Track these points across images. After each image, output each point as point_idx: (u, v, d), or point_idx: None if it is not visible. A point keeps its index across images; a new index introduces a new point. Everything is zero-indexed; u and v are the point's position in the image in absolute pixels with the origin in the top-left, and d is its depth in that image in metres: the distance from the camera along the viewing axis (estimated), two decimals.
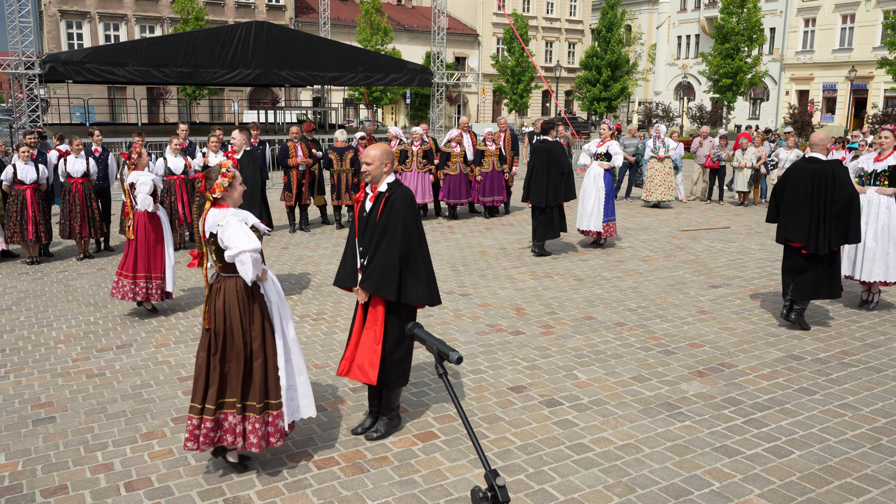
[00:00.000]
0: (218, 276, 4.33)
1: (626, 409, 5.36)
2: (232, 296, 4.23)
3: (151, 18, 40.98)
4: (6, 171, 10.00)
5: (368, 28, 39.63)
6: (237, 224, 4.12)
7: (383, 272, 4.51)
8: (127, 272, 7.49)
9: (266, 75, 21.26)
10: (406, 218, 4.55)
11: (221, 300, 4.24)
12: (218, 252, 4.23)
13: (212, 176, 4.27)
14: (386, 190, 4.62)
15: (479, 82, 48.51)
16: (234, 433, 4.26)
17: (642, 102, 49.74)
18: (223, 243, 4.13)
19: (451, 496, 4.18)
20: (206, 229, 4.23)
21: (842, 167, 6.91)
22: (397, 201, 4.56)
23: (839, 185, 6.73)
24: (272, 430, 4.33)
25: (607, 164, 10.88)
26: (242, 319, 4.23)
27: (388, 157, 4.64)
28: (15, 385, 5.88)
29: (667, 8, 54.82)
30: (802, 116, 33.76)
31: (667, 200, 15.24)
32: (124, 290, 7.49)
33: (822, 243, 6.76)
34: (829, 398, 5.54)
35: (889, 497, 4.16)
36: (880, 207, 7.62)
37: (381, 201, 4.59)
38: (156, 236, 7.60)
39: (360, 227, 4.70)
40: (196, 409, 4.26)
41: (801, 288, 6.99)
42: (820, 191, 6.78)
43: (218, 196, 4.26)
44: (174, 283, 7.73)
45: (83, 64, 18.68)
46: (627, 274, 9.55)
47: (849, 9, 43.06)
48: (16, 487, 4.31)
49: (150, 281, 7.54)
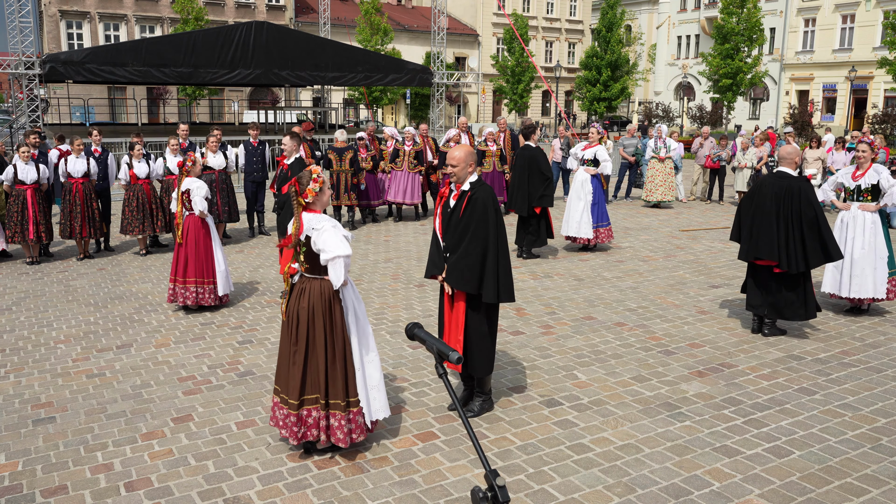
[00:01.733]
0: (302, 277, 4.51)
1: (626, 409, 5.36)
2: (316, 297, 4.41)
3: (151, 18, 40.99)
4: (7, 172, 10.00)
5: (368, 28, 39.64)
6: (332, 230, 4.31)
7: (465, 268, 4.81)
8: (179, 277, 7.64)
9: (266, 75, 21.26)
10: (488, 216, 4.82)
11: (306, 300, 4.42)
12: (307, 255, 4.40)
13: (303, 182, 4.43)
14: (469, 189, 4.90)
15: (479, 82, 48.50)
16: (318, 428, 4.45)
17: (642, 102, 49.74)
18: (317, 247, 4.30)
19: (451, 496, 4.19)
20: (302, 232, 4.38)
21: (808, 184, 6.73)
22: (480, 200, 4.84)
23: (805, 204, 6.57)
24: (354, 427, 4.52)
25: (593, 170, 10.60)
26: (325, 320, 4.41)
27: (471, 158, 4.93)
28: (15, 385, 5.88)
29: (667, 8, 54.82)
30: (802, 116, 33.76)
31: (667, 200, 15.24)
32: (177, 295, 7.67)
33: (795, 260, 6.56)
34: (829, 398, 5.54)
35: (889, 497, 4.16)
36: (865, 223, 7.45)
37: (465, 199, 4.88)
38: (206, 241, 7.73)
39: (443, 223, 5.00)
40: (283, 400, 4.49)
41: (774, 308, 6.80)
42: (786, 207, 6.62)
43: (310, 201, 4.44)
44: (229, 286, 7.87)
45: (83, 64, 18.68)
46: (627, 274, 9.55)
47: (849, 9, 43.06)
48: (16, 487, 4.31)
49: (202, 286, 7.67)
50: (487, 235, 4.80)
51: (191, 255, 7.61)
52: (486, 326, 5.00)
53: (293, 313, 4.45)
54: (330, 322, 4.42)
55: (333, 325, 4.43)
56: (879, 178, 7.47)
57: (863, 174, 7.58)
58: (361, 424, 4.54)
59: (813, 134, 18.12)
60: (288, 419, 4.46)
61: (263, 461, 4.58)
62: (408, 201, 13.34)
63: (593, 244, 10.90)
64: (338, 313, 4.46)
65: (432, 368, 5.90)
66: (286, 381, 4.49)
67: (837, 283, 7.60)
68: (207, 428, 5.06)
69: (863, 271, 7.40)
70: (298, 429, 4.46)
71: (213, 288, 7.74)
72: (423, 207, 13.96)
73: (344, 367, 4.46)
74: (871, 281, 7.38)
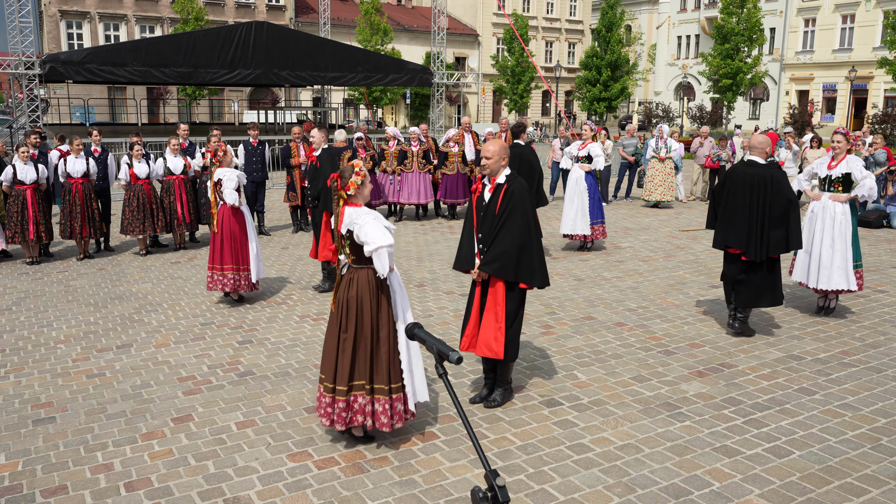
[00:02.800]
0: (349, 268, 4.67)
1: (626, 409, 5.36)
2: (364, 286, 4.60)
3: (151, 18, 40.97)
4: (6, 172, 10.00)
5: (368, 28, 39.61)
6: (373, 222, 4.48)
7: (502, 257, 4.98)
8: (216, 265, 7.87)
9: (266, 75, 21.25)
10: (524, 207, 5.00)
11: (354, 290, 4.60)
12: (353, 246, 4.57)
13: (346, 175, 4.58)
14: (504, 181, 5.07)
15: (479, 82, 48.47)
16: (364, 413, 4.61)
17: (642, 103, 49.73)
18: (360, 239, 4.47)
19: (451, 496, 4.19)
20: (343, 226, 4.56)
21: (780, 171, 6.72)
22: (515, 192, 5.01)
23: (776, 190, 6.55)
24: (396, 412, 4.66)
25: (588, 167, 10.60)
26: (372, 308, 4.59)
27: (504, 152, 5.09)
28: (15, 385, 5.88)
29: (667, 8, 54.80)
30: (802, 117, 33.74)
31: (667, 200, 15.24)
32: (215, 282, 7.90)
33: (760, 249, 6.58)
34: (829, 398, 5.54)
35: (889, 497, 4.16)
36: (836, 214, 7.37)
37: (501, 192, 5.04)
38: (240, 229, 7.98)
39: (478, 216, 5.14)
40: (328, 388, 4.63)
41: (743, 295, 6.81)
42: (758, 195, 6.60)
43: (352, 193, 4.59)
44: (260, 273, 8.15)
45: (83, 64, 18.67)
46: (627, 274, 9.55)
47: (849, 9, 43.05)
48: (16, 487, 4.31)
49: (239, 273, 7.92)
50: (525, 226, 4.98)
51: (226, 243, 7.85)
52: (518, 313, 5.18)
53: (342, 302, 4.62)
54: (377, 309, 4.61)
55: (380, 312, 4.62)
56: (851, 170, 7.40)
57: (836, 165, 7.51)
58: (400, 411, 4.68)
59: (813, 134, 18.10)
60: (336, 405, 4.60)
61: (263, 461, 4.58)
62: (422, 201, 13.46)
63: (590, 241, 10.91)
64: (384, 300, 4.65)
65: (433, 369, 5.90)
66: (333, 368, 4.62)
67: (806, 272, 7.54)
68: (207, 428, 5.06)
69: (833, 262, 7.32)
70: (347, 415, 4.61)
71: (248, 275, 7.99)
72: (424, 208, 13.98)
73: (388, 352, 4.63)
74: (842, 272, 7.31)
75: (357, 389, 4.60)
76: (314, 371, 6.11)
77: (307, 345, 6.79)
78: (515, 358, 5.29)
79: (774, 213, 6.56)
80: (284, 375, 6.04)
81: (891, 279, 9.27)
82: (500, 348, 5.08)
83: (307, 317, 7.69)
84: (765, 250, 6.60)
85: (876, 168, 13.86)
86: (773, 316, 7.66)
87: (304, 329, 7.27)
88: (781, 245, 6.63)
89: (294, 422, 5.16)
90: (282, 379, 5.96)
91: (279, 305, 8.12)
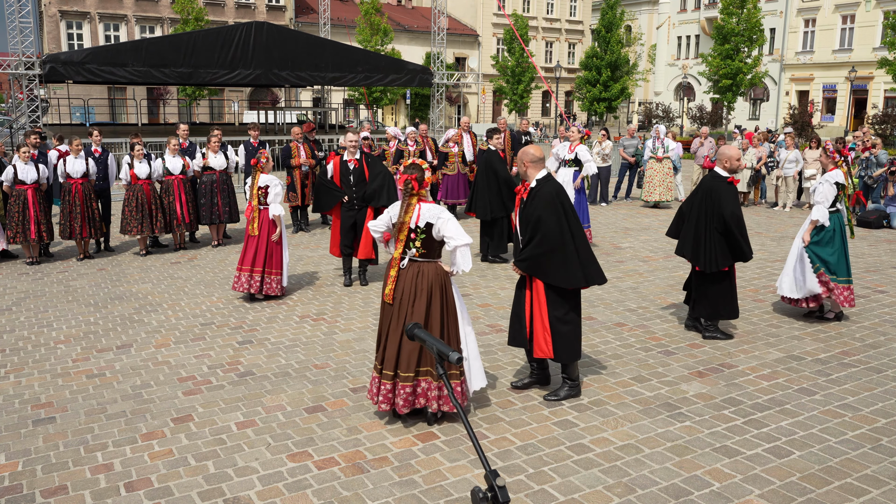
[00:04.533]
0: (412, 262, 4.92)
1: (626, 409, 5.36)
2: (433, 277, 4.88)
3: (151, 19, 40.99)
4: (6, 172, 10.00)
5: (368, 28, 39.62)
6: (454, 220, 4.83)
7: (533, 257, 5.20)
8: (245, 266, 8.12)
9: (266, 76, 21.26)
10: (554, 208, 5.15)
11: (424, 281, 4.86)
12: (426, 240, 4.85)
13: (420, 174, 4.90)
14: (536, 185, 5.27)
15: (479, 83, 48.48)
16: (427, 397, 4.91)
17: (642, 103, 49.74)
18: (444, 234, 4.78)
19: (451, 496, 4.18)
20: (421, 220, 4.83)
21: (727, 186, 6.67)
22: (545, 194, 5.20)
23: (717, 205, 6.58)
24: (458, 394, 4.96)
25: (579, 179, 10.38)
26: (441, 298, 4.88)
27: (526, 157, 5.30)
28: (15, 385, 5.88)
29: (667, 8, 54.81)
30: (802, 117, 33.73)
31: (666, 200, 15.24)
32: (241, 283, 8.14)
33: (708, 261, 6.62)
34: (829, 398, 5.54)
35: (889, 497, 4.16)
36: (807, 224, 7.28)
37: (532, 195, 5.26)
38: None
39: (519, 217, 5.40)
40: (388, 376, 4.88)
41: (701, 305, 6.86)
42: (705, 207, 6.69)
43: (424, 192, 4.90)
44: (287, 278, 8.43)
45: (83, 64, 18.68)
46: (627, 274, 9.55)
47: (849, 9, 43.06)
48: (16, 488, 4.31)
49: (269, 275, 8.17)
50: (556, 227, 5.12)
51: (261, 247, 8.09)
52: (565, 313, 5.27)
53: (408, 293, 4.85)
54: (444, 299, 4.88)
55: (447, 302, 4.89)
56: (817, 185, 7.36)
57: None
58: (459, 392, 4.97)
59: (813, 134, 18.12)
60: (401, 390, 4.85)
61: (263, 461, 4.58)
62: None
63: None
64: (450, 291, 4.94)
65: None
66: (396, 356, 4.85)
67: (793, 286, 7.39)
68: (207, 428, 5.06)
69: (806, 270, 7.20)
70: (414, 399, 4.90)
71: (279, 278, 8.22)
72: None
73: (449, 341, 4.90)
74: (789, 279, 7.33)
75: (423, 375, 4.87)
76: (314, 371, 6.11)
77: (307, 345, 6.79)
78: (573, 358, 5.37)
79: (719, 226, 6.60)
80: (284, 376, 6.04)
81: (891, 279, 9.27)
82: (549, 349, 5.25)
83: (307, 317, 7.69)
84: (714, 262, 6.63)
85: (877, 168, 13.88)
86: (774, 316, 7.66)
87: (304, 329, 7.27)
88: (728, 257, 6.66)
89: (294, 422, 5.16)
90: (282, 379, 5.96)
91: (279, 305, 8.12)
